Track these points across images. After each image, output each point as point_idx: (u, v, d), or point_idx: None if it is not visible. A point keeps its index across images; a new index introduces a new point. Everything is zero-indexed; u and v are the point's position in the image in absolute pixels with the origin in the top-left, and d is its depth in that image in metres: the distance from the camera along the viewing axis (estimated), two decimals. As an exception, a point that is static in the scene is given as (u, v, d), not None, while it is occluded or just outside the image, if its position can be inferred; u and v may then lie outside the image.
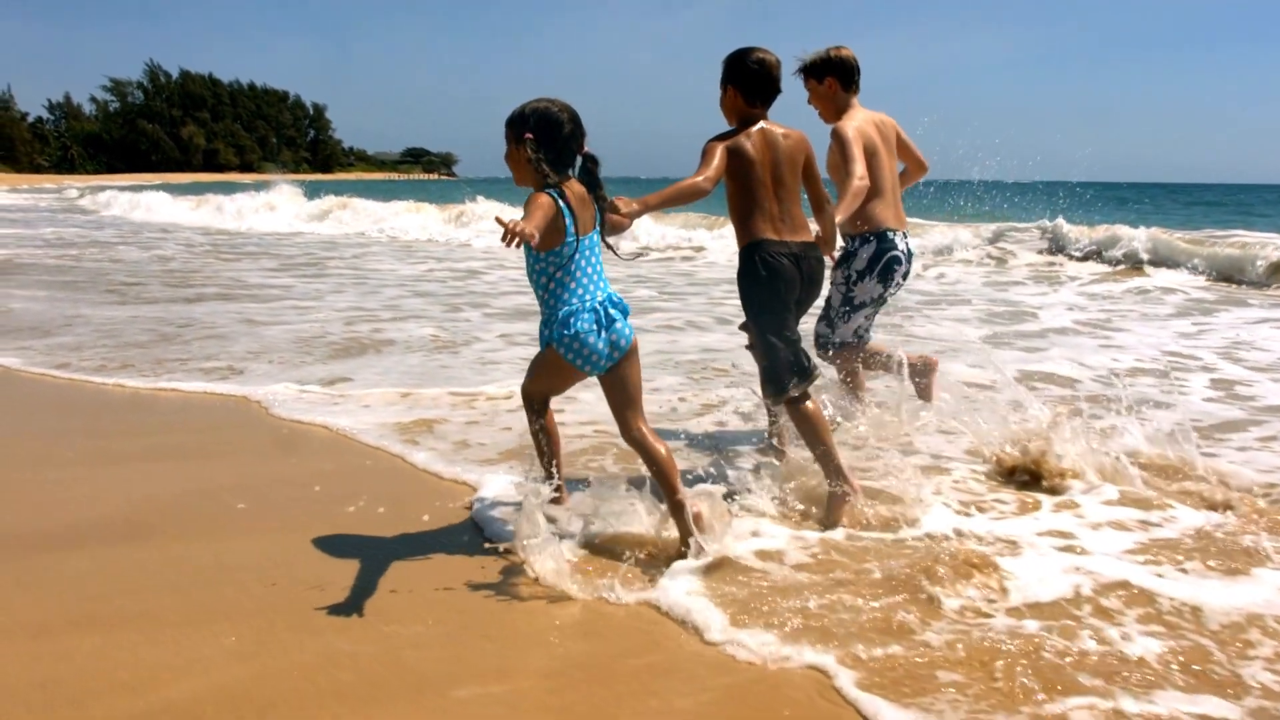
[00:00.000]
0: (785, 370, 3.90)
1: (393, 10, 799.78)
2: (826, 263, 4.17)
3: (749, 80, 3.95)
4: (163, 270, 14.22)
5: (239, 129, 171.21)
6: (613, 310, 3.54)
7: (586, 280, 3.52)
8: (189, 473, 4.47)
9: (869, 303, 4.81)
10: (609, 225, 3.71)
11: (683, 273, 14.67)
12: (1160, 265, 14.27)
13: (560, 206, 3.40)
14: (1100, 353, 7.75)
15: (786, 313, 3.96)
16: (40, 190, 65.87)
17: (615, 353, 3.54)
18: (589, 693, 2.59)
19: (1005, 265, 15.64)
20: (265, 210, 29.67)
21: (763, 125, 3.97)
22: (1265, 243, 14.06)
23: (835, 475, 3.82)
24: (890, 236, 4.73)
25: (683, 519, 3.41)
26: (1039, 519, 3.87)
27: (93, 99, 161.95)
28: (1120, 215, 19.84)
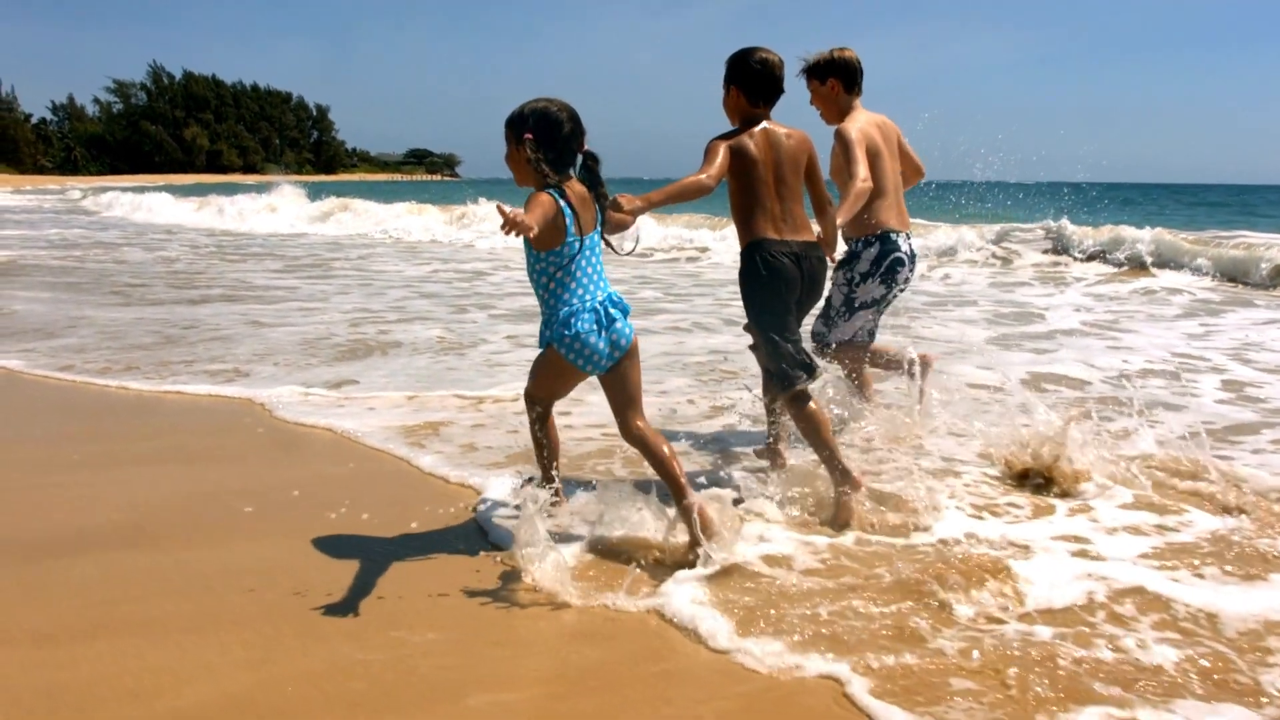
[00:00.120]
0: (791, 366, 3.90)
1: (396, 12, 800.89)
2: (828, 263, 4.16)
3: (752, 80, 3.96)
4: (167, 271, 14.21)
5: (242, 130, 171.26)
6: (613, 310, 3.55)
7: (587, 280, 3.52)
8: (194, 476, 4.45)
9: (870, 304, 4.79)
10: (612, 223, 3.71)
11: (688, 274, 14.64)
12: (1165, 266, 14.25)
13: (561, 206, 3.41)
14: (1109, 354, 7.71)
15: (787, 312, 3.96)
16: (43, 191, 65.89)
17: (616, 352, 3.56)
18: (603, 701, 2.56)
19: (1010, 265, 15.62)
20: (267, 212, 29.65)
21: (765, 125, 3.99)
22: (1270, 244, 14.05)
23: (839, 474, 3.81)
24: (894, 238, 4.72)
25: (691, 523, 3.38)
26: (1053, 523, 3.83)
27: (96, 100, 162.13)
28: (1124, 215, 19.78)
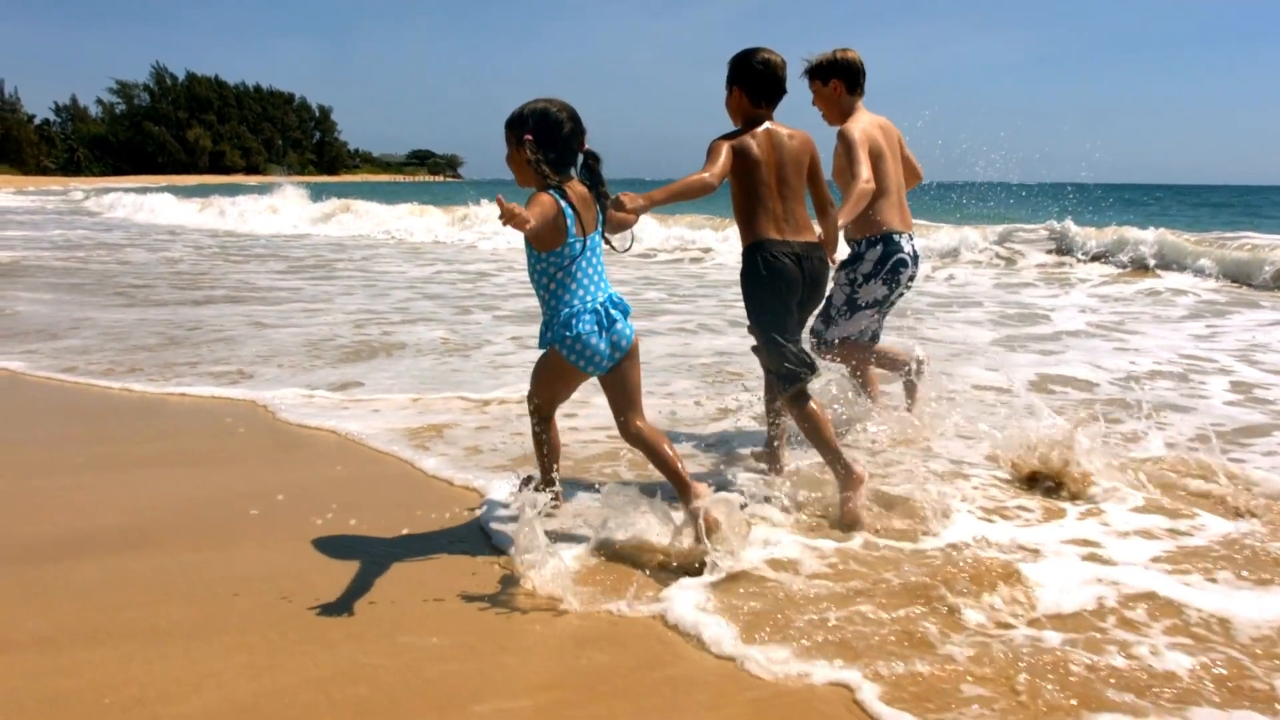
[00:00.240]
0: (791, 366, 3.92)
1: (398, 13, 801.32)
2: (830, 264, 4.16)
3: (754, 81, 3.97)
4: (171, 272, 14.19)
5: (245, 131, 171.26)
6: (613, 311, 3.56)
7: (588, 281, 3.52)
8: (198, 479, 4.42)
9: (872, 304, 4.78)
10: (615, 222, 3.71)
11: (692, 275, 14.60)
12: (1169, 267, 14.23)
13: (562, 207, 3.40)
14: (1116, 356, 7.67)
15: (788, 313, 3.97)
16: (46, 193, 65.91)
17: (617, 353, 3.56)
18: (612, 708, 2.53)
19: (1014, 266, 15.59)
20: (269, 213, 29.63)
21: (768, 126, 4.00)
22: (1274, 245, 14.02)
23: (841, 471, 3.81)
24: (897, 239, 4.73)
25: (697, 525, 3.36)
26: (1063, 527, 3.80)
27: (99, 101, 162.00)
28: (1128, 216, 19.77)
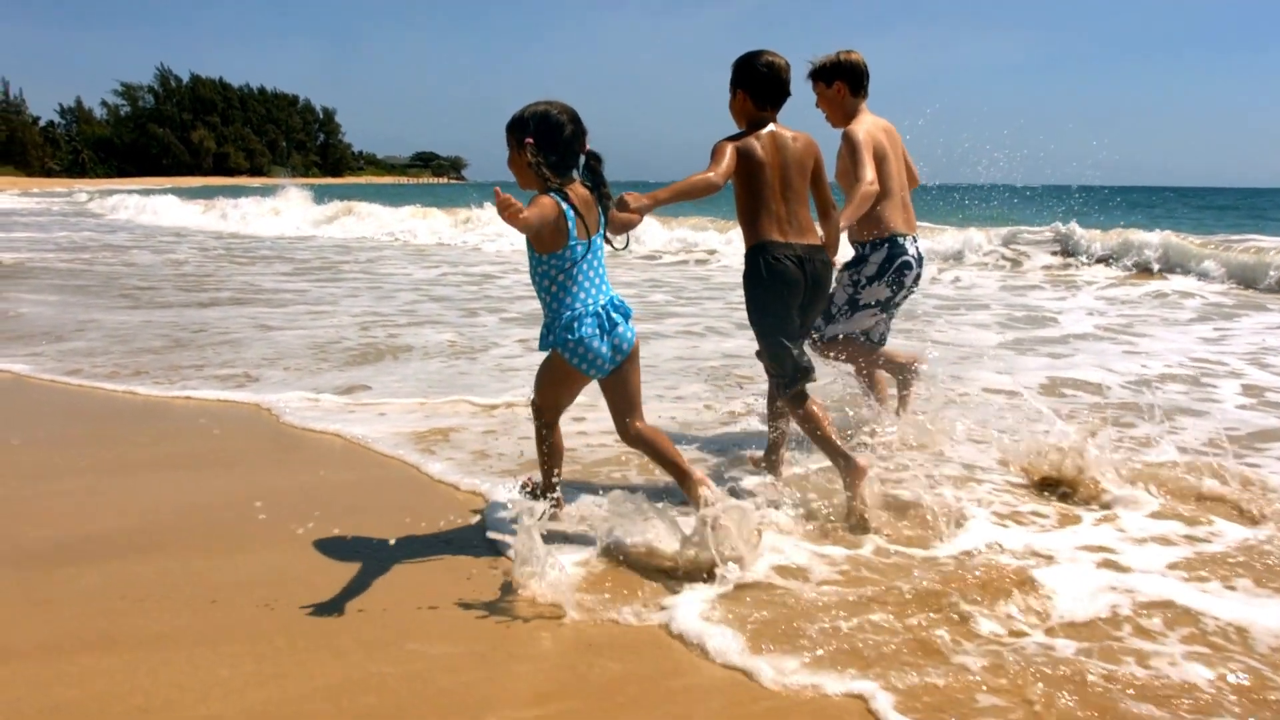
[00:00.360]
0: (791, 368, 3.95)
1: (402, 15, 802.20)
2: (833, 266, 4.17)
3: (758, 83, 3.98)
4: (176, 274, 14.16)
5: (249, 133, 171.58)
6: (615, 314, 3.55)
7: (589, 284, 3.52)
8: (204, 483, 4.39)
9: (874, 305, 4.78)
10: (618, 222, 3.72)
11: (697, 277, 14.55)
12: (1175, 270, 14.20)
13: (564, 209, 3.40)
14: (1126, 359, 7.63)
15: (788, 315, 3.98)
16: (51, 194, 66.03)
17: (618, 356, 3.57)
18: (627, 718, 2.49)
19: (1020, 268, 15.57)
20: (271, 215, 29.62)
21: (772, 128, 4.01)
22: (1280, 248, 14.00)
23: (842, 462, 3.83)
24: (901, 241, 4.73)
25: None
26: (1078, 533, 3.76)
27: (104, 103, 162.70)
28: (1132, 219, 19.73)
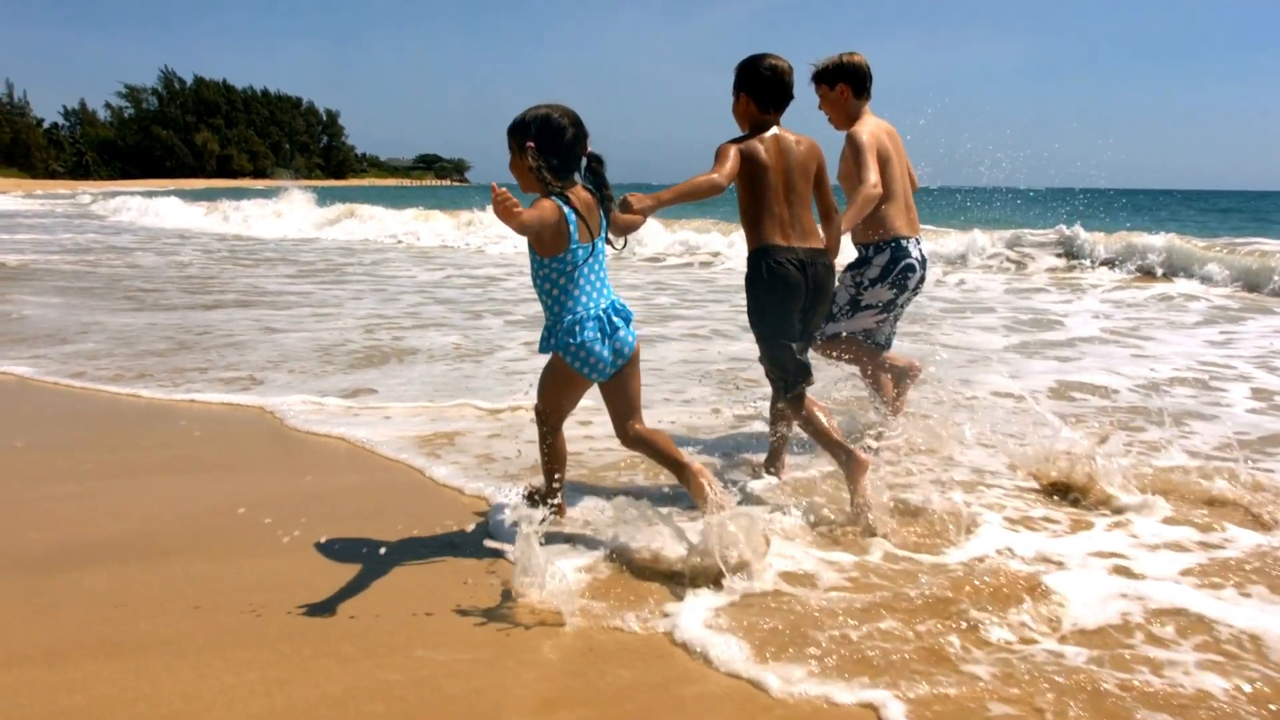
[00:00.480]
0: (791, 370, 3.98)
1: (406, 17, 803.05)
2: (835, 269, 4.18)
3: (762, 87, 3.98)
4: (180, 276, 14.15)
5: (253, 135, 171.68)
6: (616, 318, 3.55)
7: (590, 288, 3.51)
8: (209, 487, 4.37)
9: (876, 306, 4.78)
10: (622, 224, 3.70)
11: (702, 279, 14.52)
12: (1180, 273, 14.17)
13: (565, 212, 3.40)
14: (1134, 363, 7.60)
15: (788, 318, 3.98)
16: (54, 196, 66.10)
17: (619, 360, 3.58)
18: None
19: (1025, 270, 15.57)
20: (273, 218, 29.63)
21: (776, 131, 4.01)
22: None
23: (844, 457, 3.85)
24: (904, 244, 4.73)
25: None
26: (1090, 539, 3.71)
27: (108, 105, 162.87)
28: (1136, 221, 19.71)
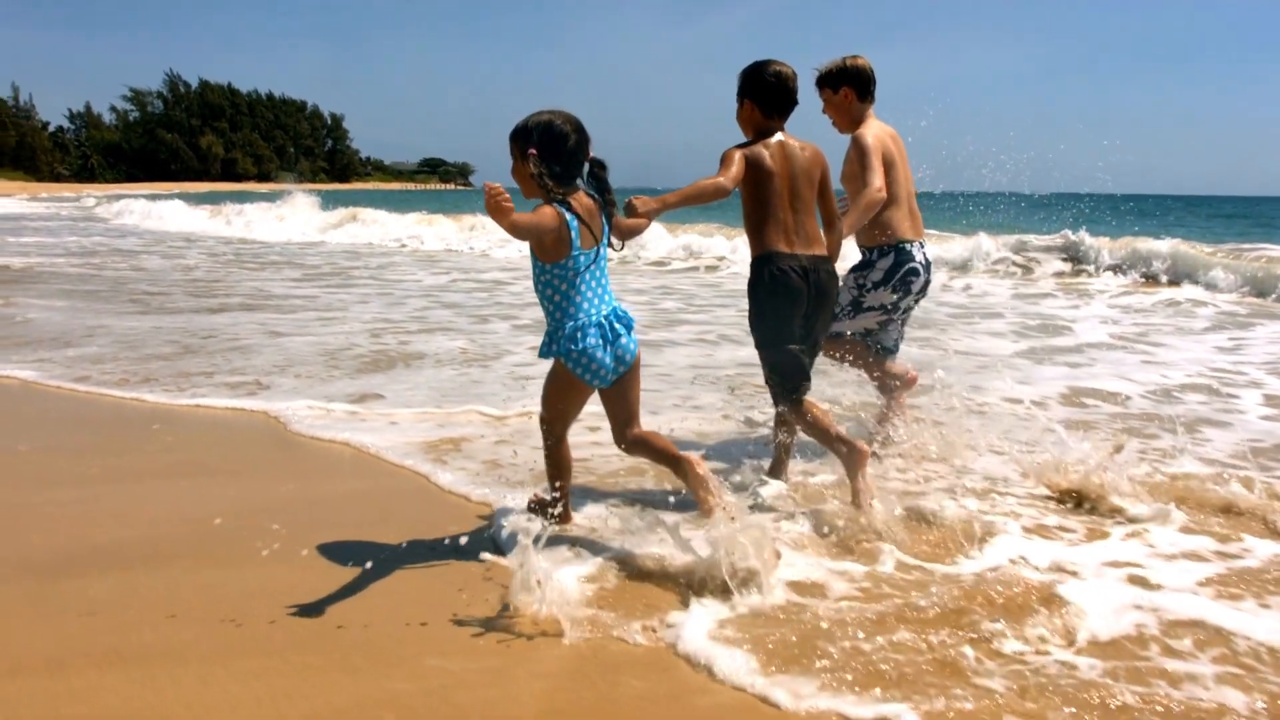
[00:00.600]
0: (788, 376, 4.00)
1: (411, 21, 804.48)
2: (838, 276, 4.18)
3: (766, 93, 3.99)
4: (186, 280, 14.14)
5: (257, 138, 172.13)
6: (618, 325, 3.55)
7: (592, 294, 3.51)
8: (214, 493, 4.33)
9: (878, 308, 4.78)
10: (626, 228, 3.69)
11: (708, 284, 14.47)
12: (1187, 279, 14.13)
13: (566, 219, 3.40)
14: (1145, 369, 7.56)
15: (788, 325, 3.98)
16: (60, 199, 66.29)
17: (620, 367, 3.58)
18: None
19: (1031, 275, 15.55)
20: (275, 222, 29.63)
21: (780, 138, 4.02)
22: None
23: (844, 448, 3.86)
24: (908, 248, 4.73)
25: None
26: (1106, 548, 3.66)
27: (113, 109, 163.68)
28: (1142, 227, 19.69)
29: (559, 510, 3.70)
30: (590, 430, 5.04)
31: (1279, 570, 3.47)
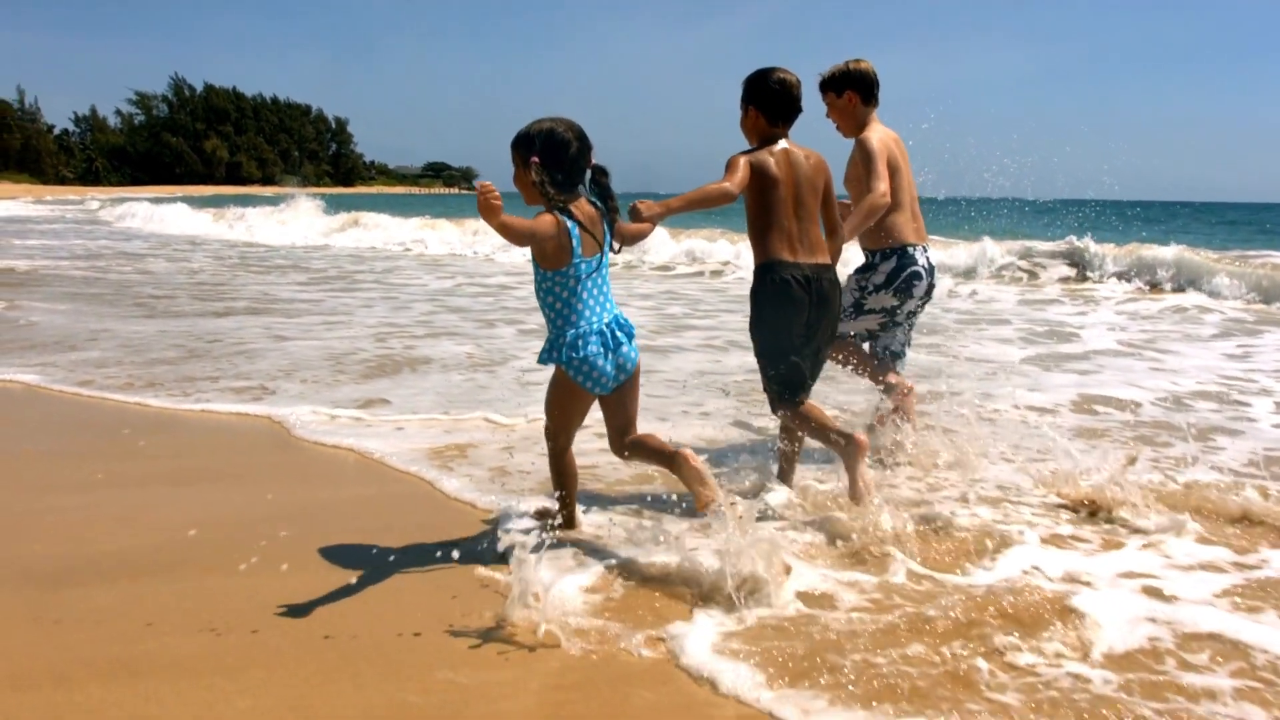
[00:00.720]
0: (790, 383, 4.01)
1: (415, 25, 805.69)
2: (840, 284, 4.19)
3: (770, 100, 4.01)
4: (191, 283, 14.12)
5: (262, 142, 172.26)
6: (619, 333, 3.55)
7: (594, 302, 3.51)
8: (219, 499, 4.30)
9: (879, 311, 4.78)
10: (630, 233, 3.71)
11: (714, 289, 14.43)
12: (1192, 285, 14.12)
13: (568, 226, 3.40)
14: (1154, 376, 7.52)
15: (789, 332, 3.98)
16: (64, 202, 66.40)
17: (621, 375, 3.59)
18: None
19: (1037, 281, 15.52)
20: (278, 225, 29.64)
21: (785, 145, 4.03)
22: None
23: (842, 441, 3.88)
24: (911, 252, 4.73)
25: (690, 474, 3.45)
26: (1121, 559, 3.61)
27: (118, 112, 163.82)
28: (1147, 233, 19.67)
29: (560, 519, 3.70)
30: (599, 437, 4.99)
31: (1296, 583, 3.41)
